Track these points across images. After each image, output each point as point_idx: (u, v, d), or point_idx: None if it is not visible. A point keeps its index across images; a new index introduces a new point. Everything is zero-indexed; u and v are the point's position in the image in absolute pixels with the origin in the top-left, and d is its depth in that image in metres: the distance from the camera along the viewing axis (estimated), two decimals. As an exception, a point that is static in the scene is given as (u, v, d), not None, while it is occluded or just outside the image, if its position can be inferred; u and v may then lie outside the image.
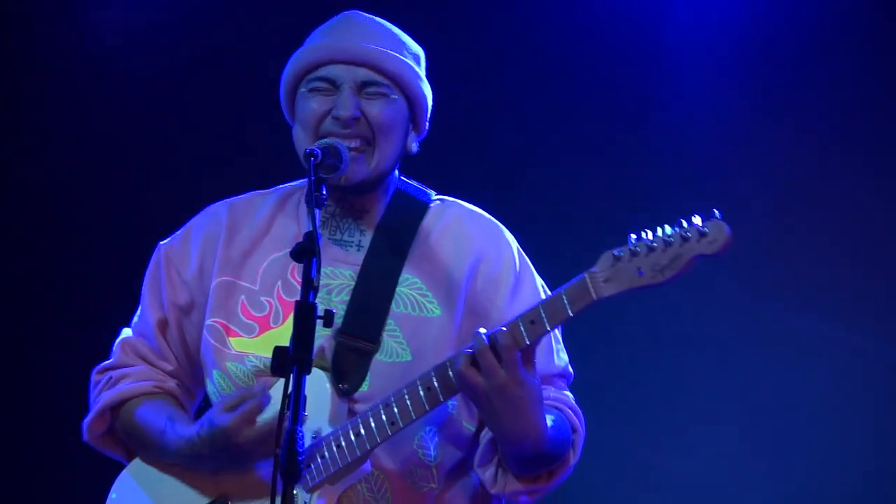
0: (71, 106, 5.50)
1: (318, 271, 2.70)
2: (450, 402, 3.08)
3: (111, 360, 3.33)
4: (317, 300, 2.93)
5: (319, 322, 2.69)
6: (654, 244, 2.79)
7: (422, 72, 3.25)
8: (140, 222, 5.07)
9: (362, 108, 3.12)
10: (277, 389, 3.01)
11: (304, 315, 2.65)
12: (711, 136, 5.17)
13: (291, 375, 2.61)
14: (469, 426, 3.16)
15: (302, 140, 3.16)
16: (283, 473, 2.57)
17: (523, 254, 3.25)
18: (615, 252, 2.83)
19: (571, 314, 2.87)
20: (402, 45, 3.22)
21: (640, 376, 5.17)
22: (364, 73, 3.13)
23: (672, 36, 5.20)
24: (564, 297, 2.86)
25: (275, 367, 2.64)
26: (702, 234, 2.76)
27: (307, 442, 2.93)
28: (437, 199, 3.29)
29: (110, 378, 3.29)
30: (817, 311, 5.07)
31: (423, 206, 3.25)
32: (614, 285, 2.83)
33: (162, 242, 3.34)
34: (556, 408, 3.09)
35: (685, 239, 2.77)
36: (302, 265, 2.71)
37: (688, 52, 5.18)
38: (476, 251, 3.18)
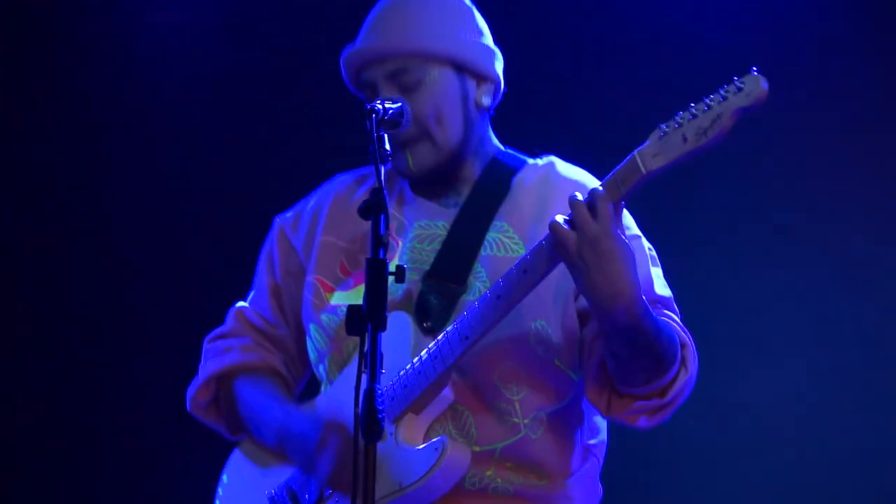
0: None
1: (387, 227, 2.66)
2: (533, 339, 3.05)
3: (224, 328, 3.35)
4: (410, 249, 3.05)
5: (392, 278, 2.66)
6: (696, 111, 2.80)
7: (461, 25, 3.17)
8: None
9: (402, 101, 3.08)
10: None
11: (375, 271, 2.62)
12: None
13: (367, 334, 2.58)
14: (563, 367, 3.10)
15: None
16: (365, 433, 2.54)
17: None
18: (662, 126, 2.84)
19: (623, 192, 2.85)
20: (450, 16, 3.16)
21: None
22: (391, 66, 3.10)
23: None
24: (618, 177, 2.85)
25: (349, 326, 2.61)
26: (739, 89, 2.77)
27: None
28: (535, 161, 3.25)
29: (216, 347, 3.31)
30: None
31: (517, 168, 3.22)
32: (662, 158, 2.82)
33: (277, 216, 3.38)
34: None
35: (724, 98, 2.78)
36: (373, 222, 2.68)
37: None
38: (557, 199, 3.12)
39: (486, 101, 3.19)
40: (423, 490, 2.96)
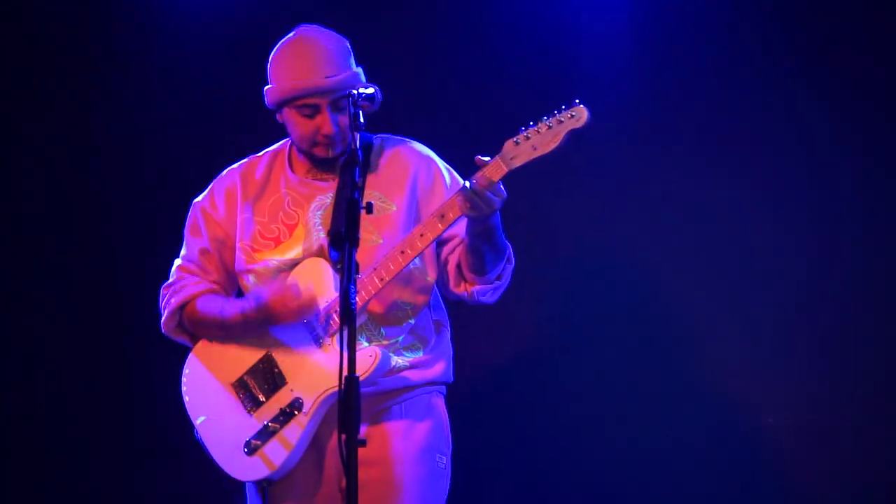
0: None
1: (363, 178, 3.94)
2: (413, 264, 4.32)
3: (173, 278, 4.58)
4: (315, 216, 4.35)
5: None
6: (539, 129, 4.12)
7: (353, 60, 4.41)
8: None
9: (337, 121, 4.33)
10: (299, 275, 4.33)
11: (352, 206, 3.81)
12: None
13: (346, 247, 3.76)
14: (429, 278, 4.44)
15: (299, 139, 4.38)
16: (342, 317, 3.68)
17: (441, 160, 4.53)
18: (515, 140, 4.14)
19: (494, 181, 4.13)
20: (346, 54, 4.40)
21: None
22: (333, 97, 4.32)
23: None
24: (488, 172, 4.13)
25: (332, 243, 3.86)
26: (571, 116, 4.11)
27: (322, 304, 4.27)
28: (378, 137, 4.54)
29: (174, 289, 4.54)
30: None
31: (368, 144, 4.49)
32: (519, 160, 4.14)
33: (195, 200, 4.59)
34: None
35: (560, 122, 4.12)
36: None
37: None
38: (412, 169, 4.46)
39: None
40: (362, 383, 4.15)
